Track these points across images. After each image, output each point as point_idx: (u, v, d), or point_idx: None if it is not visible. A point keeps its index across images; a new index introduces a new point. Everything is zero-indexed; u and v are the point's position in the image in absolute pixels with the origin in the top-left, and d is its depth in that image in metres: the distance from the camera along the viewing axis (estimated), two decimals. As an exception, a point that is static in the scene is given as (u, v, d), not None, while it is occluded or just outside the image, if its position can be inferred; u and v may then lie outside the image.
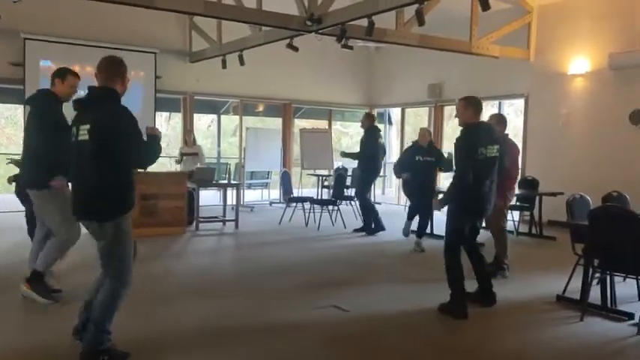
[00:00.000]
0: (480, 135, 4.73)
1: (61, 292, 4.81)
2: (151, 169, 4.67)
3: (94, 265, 3.76)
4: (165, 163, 12.08)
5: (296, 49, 8.96)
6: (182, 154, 9.81)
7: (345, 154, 9.25)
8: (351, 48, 8.78)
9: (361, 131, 8.95)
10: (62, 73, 4.69)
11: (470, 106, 4.76)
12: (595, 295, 4.79)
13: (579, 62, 9.53)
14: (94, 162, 3.34)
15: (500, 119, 5.97)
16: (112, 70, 3.48)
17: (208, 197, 11.28)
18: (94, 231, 3.46)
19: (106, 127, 3.32)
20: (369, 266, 6.66)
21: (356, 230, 8.83)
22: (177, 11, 7.48)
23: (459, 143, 4.73)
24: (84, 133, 3.34)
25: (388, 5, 6.91)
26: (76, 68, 5.05)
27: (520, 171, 7.47)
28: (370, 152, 8.69)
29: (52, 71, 4.85)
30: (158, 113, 12.45)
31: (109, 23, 10.36)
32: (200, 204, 9.31)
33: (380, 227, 8.74)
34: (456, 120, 4.86)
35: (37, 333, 4.02)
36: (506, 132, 5.98)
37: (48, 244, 4.68)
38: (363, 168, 8.89)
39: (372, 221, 8.76)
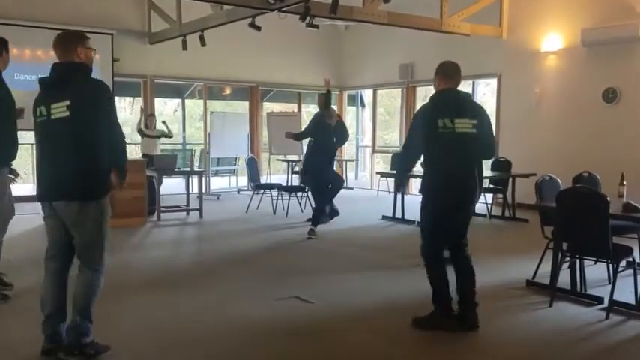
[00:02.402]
0: (443, 104, 3.99)
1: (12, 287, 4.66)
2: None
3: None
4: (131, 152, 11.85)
5: (258, 28, 8.79)
6: (142, 132, 10.03)
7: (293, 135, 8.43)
8: (316, 27, 8.63)
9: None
10: (4, 45, 4.50)
11: (437, 73, 4.07)
12: (565, 279, 4.80)
13: (552, 39, 9.54)
14: (77, 139, 3.26)
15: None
16: (68, 43, 3.39)
17: (172, 185, 11.09)
18: (72, 214, 3.30)
19: (92, 99, 3.28)
20: (335, 254, 6.59)
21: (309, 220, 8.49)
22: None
23: (413, 117, 4.17)
24: (62, 109, 3.24)
25: (352, -19, 6.79)
26: (27, 52, 4.86)
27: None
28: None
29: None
30: (118, 98, 12.18)
31: (61, 3, 10.05)
32: (163, 193, 9.17)
33: (334, 212, 8.54)
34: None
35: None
36: None
37: None
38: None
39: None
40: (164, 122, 10.68)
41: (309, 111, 16.54)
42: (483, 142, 4.04)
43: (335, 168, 8.37)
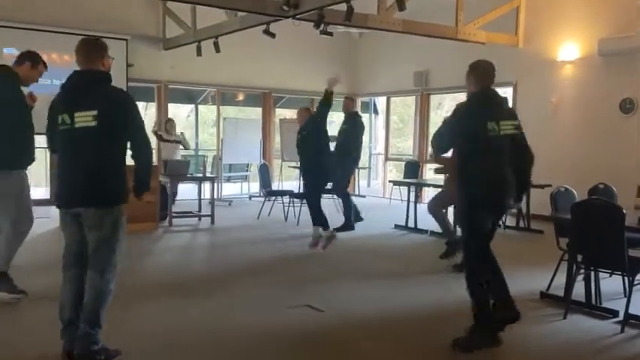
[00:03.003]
0: (490, 104, 3.93)
1: (26, 294, 4.67)
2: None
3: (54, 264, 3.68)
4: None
5: (273, 35, 8.86)
6: (161, 136, 10.08)
7: None
8: (330, 34, 8.69)
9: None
10: (36, 59, 4.66)
11: (471, 72, 3.99)
12: (580, 291, 4.78)
13: (569, 48, 9.50)
14: (101, 147, 3.36)
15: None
16: (94, 51, 3.49)
17: (185, 191, 11.16)
18: (93, 220, 3.38)
19: (123, 111, 3.40)
20: (346, 262, 6.60)
21: (337, 229, 8.21)
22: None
23: (453, 114, 4.02)
24: (86, 119, 3.32)
25: (368, -11, 6.83)
26: (43, 55, 4.97)
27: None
28: (353, 141, 8.58)
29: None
30: (131, 103, 12.29)
31: (77, 8, 10.18)
32: (175, 198, 9.24)
33: (358, 218, 8.63)
34: (444, 110, 4.51)
35: (13, 342, 3.92)
36: None
37: (2, 239, 4.54)
38: (344, 158, 8.72)
39: (351, 216, 8.62)
40: (182, 133, 10.75)
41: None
42: (525, 142, 4.06)
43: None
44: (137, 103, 3.62)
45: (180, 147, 10.48)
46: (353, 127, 8.59)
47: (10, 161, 4.49)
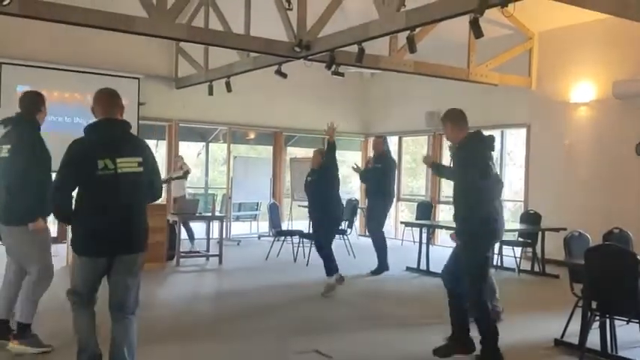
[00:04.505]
0: (487, 145, 4.52)
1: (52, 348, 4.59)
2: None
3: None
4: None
5: (284, 75, 9.05)
6: (171, 178, 10.09)
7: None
8: (342, 75, 8.86)
9: (356, 159, 8.94)
10: (43, 100, 4.67)
11: (448, 121, 4.61)
12: (595, 339, 4.74)
13: (583, 90, 9.60)
14: (142, 194, 3.63)
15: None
16: (116, 101, 3.71)
17: (194, 229, 11.22)
18: (135, 265, 3.61)
19: (152, 157, 3.71)
20: (356, 306, 6.60)
21: (373, 272, 8.46)
22: (158, 36, 7.55)
23: (462, 155, 4.47)
24: (132, 165, 3.54)
25: (379, 32, 6.99)
26: (55, 94, 5.11)
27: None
28: (386, 181, 8.65)
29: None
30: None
31: (89, 47, 10.45)
32: (184, 237, 9.30)
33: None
34: None
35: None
36: None
37: (26, 289, 4.47)
38: (377, 198, 8.74)
39: (386, 257, 8.58)
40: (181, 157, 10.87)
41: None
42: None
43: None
44: (148, 141, 3.82)
45: (186, 181, 10.55)
46: (385, 167, 8.67)
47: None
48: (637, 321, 4.47)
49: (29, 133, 4.46)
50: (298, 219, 13.27)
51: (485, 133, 4.65)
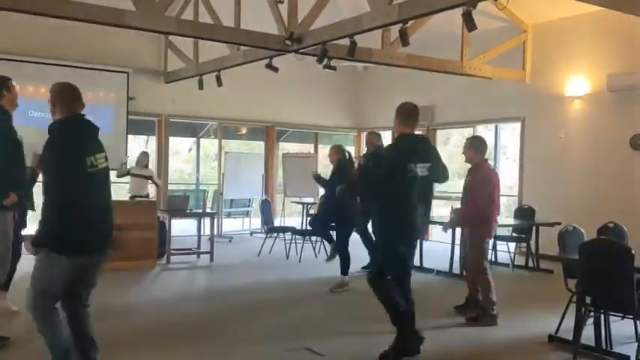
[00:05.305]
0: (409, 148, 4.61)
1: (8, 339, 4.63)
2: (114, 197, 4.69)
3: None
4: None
5: (275, 69, 9.00)
6: (130, 172, 9.54)
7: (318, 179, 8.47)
8: (333, 68, 8.82)
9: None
10: (4, 82, 4.61)
11: (397, 115, 4.76)
12: (590, 334, 4.74)
13: (577, 84, 9.61)
14: (109, 188, 3.69)
15: (471, 143, 6.01)
16: (80, 97, 3.66)
17: (184, 227, 11.20)
18: (103, 260, 3.64)
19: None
20: (349, 304, 6.57)
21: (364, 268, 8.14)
22: (148, 30, 7.50)
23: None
24: (103, 160, 3.58)
25: (371, 25, 6.96)
26: (42, 89, 5.08)
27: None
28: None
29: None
30: (132, 136, 12.45)
31: (78, 41, 10.36)
32: (174, 234, 9.26)
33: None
34: (451, 145, 4.86)
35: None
36: (485, 157, 6.06)
37: None
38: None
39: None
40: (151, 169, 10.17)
41: (326, 152, 16.69)
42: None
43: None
44: (138, 136, 3.86)
45: (150, 182, 9.90)
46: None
47: None
48: (631, 316, 4.49)
49: None
50: (291, 215, 13.26)
51: (480, 127, 4.82)
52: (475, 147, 5.86)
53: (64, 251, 3.39)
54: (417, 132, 4.89)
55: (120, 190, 11.52)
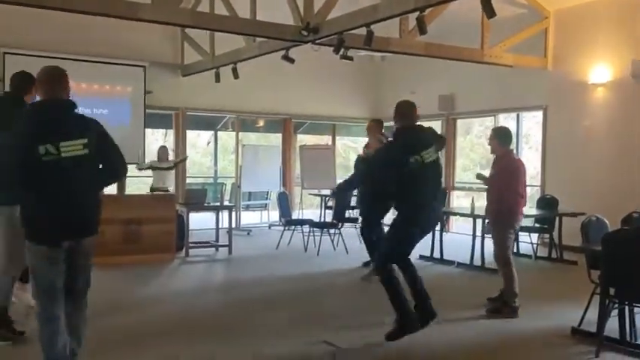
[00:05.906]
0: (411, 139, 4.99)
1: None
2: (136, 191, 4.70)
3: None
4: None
5: (292, 60, 8.99)
6: (152, 166, 9.80)
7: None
8: (350, 59, 8.79)
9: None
10: (31, 79, 4.67)
11: (394, 116, 5.26)
12: (614, 327, 4.68)
13: (600, 71, 9.45)
14: (93, 176, 3.54)
15: (495, 134, 5.99)
16: (64, 80, 3.59)
17: (202, 220, 11.26)
18: (87, 249, 3.58)
19: (102, 135, 3.58)
20: (368, 296, 6.55)
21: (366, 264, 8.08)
22: (163, 23, 7.53)
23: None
24: (77, 148, 3.41)
25: (388, 13, 6.92)
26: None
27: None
28: None
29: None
30: (150, 130, 12.54)
31: (94, 35, 10.42)
32: (192, 227, 9.33)
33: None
34: (473, 134, 4.93)
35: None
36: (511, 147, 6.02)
37: None
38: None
39: None
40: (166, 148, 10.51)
41: (344, 143, 16.68)
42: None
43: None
44: (156, 130, 3.79)
45: (170, 175, 10.06)
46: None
47: None
48: (657, 308, 4.43)
49: (11, 111, 4.35)
50: (309, 208, 13.27)
51: (502, 116, 4.93)
52: (499, 138, 5.87)
53: (35, 240, 3.43)
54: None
55: (140, 183, 11.65)
